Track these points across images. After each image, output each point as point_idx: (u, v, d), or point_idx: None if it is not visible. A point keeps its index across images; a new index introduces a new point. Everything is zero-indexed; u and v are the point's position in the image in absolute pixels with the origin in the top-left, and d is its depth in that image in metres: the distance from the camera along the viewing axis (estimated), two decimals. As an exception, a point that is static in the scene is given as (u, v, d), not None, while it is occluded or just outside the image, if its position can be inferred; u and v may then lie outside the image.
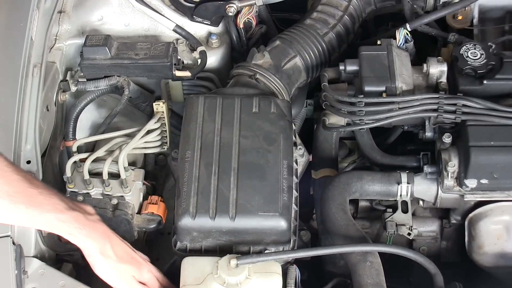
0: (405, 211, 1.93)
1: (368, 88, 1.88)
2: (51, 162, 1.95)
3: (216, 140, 1.76)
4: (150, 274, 1.72)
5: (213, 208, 1.64)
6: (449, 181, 1.82)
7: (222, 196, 1.66)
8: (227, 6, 2.14)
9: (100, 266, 1.66)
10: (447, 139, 1.82)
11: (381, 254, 1.72)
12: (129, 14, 2.18)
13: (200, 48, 2.13)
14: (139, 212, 1.88)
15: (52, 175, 1.94)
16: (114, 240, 1.68)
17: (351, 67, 1.97)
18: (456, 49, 1.91)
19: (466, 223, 1.92)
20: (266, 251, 1.67)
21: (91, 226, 1.64)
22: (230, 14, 2.15)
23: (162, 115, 1.94)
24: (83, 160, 1.87)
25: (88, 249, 1.65)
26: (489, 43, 1.92)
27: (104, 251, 1.65)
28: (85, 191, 1.85)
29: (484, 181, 1.79)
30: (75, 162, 1.87)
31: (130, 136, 1.92)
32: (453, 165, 1.80)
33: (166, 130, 1.96)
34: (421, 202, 1.97)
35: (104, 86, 2.02)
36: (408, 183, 1.88)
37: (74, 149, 1.92)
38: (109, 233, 1.68)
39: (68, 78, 2.06)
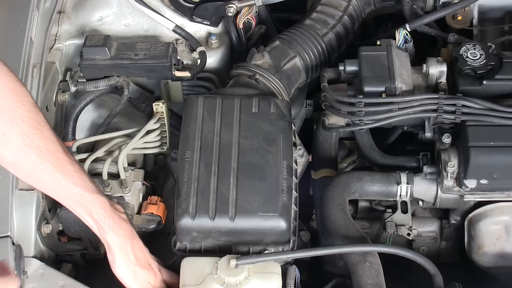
0: (404, 211, 1.93)
1: (368, 88, 1.88)
2: (50, 162, 1.95)
3: (216, 140, 1.76)
4: (162, 284, 1.72)
5: (212, 208, 1.64)
6: (449, 182, 1.82)
7: (222, 196, 1.66)
8: (226, 7, 2.14)
9: (119, 265, 1.65)
10: (446, 139, 1.82)
11: (381, 255, 1.72)
12: (129, 15, 2.18)
13: (199, 49, 2.13)
14: (138, 213, 1.88)
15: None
16: (137, 243, 1.68)
17: (351, 68, 1.97)
18: (455, 49, 1.91)
19: (465, 223, 1.92)
20: (265, 252, 1.67)
21: (116, 220, 1.63)
22: (230, 14, 2.15)
23: (161, 115, 1.94)
24: (82, 161, 1.87)
25: (109, 243, 1.63)
26: (489, 44, 1.92)
27: (125, 251, 1.64)
28: (84, 192, 1.85)
29: (483, 181, 1.79)
30: (74, 162, 1.87)
31: (130, 136, 1.92)
32: (452, 166, 1.80)
33: (165, 131, 1.96)
34: (420, 203, 1.97)
35: (104, 86, 2.01)
36: (407, 183, 1.88)
37: (74, 149, 1.92)
38: (134, 234, 1.68)
39: (67, 78, 2.06)
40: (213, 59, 2.18)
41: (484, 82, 1.85)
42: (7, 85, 1.49)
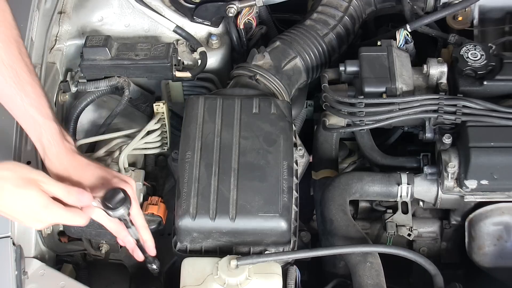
0: (405, 212, 1.93)
1: (368, 89, 1.88)
2: (51, 162, 1.95)
3: (216, 141, 1.76)
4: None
5: (213, 209, 1.64)
6: (449, 182, 1.83)
7: (222, 197, 1.66)
8: (227, 7, 2.14)
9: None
10: (447, 140, 1.82)
11: (381, 255, 1.72)
12: (129, 15, 2.18)
13: (200, 49, 2.13)
14: (139, 213, 1.88)
15: (52, 176, 1.93)
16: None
17: (351, 68, 1.97)
18: (456, 50, 1.91)
19: (466, 224, 1.92)
20: (266, 252, 1.67)
21: (62, 150, 1.60)
22: (230, 14, 2.15)
23: (162, 116, 1.94)
24: (83, 161, 1.87)
25: (47, 168, 1.61)
26: (489, 44, 1.92)
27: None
28: (85, 192, 1.84)
29: (484, 182, 1.79)
30: (75, 162, 1.87)
31: (130, 136, 1.92)
32: (453, 166, 1.80)
33: (166, 131, 1.97)
34: (421, 203, 1.97)
35: (104, 86, 2.02)
36: (408, 184, 1.88)
37: (74, 149, 1.92)
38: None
39: (68, 78, 2.06)
40: (213, 60, 2.18)
41: (485, 82, 1.85)
42: None
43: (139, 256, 1.68)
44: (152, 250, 1.67)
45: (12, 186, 1.46)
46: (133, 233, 1.64)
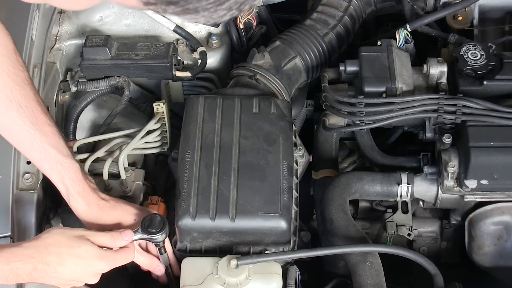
0: (405, 211, 1.93)
1: (368, 88, 1.88)
2: (51, 162, 1.94)
3: (216, 140, 1.76)
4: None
5: (213, 208, 1.64)
6: (449, 182, 1.82)
7: (222, 196, 1.66)
8: (227, 7, 2.14)
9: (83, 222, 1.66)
10: (447, 139, 1.82)
11: (381, 255, 1.72)
12: (129, 15, 2.18)
13: (200, 49, 2.13)
14: (139, 213, 1.88)
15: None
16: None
17: (351, 68, 1.97)
18: (456, 49, 1.91)
19: (466, 223, 1.92)
20: (266, 252, 1.67)
21: (86, 188, 1.62)
22: (230, 14, 2.15)
23: (162, 115, 1.94)
24: (83, 161, 1.87)
25: (74, 208, 1.64)
26: (489, 44, 1.92)
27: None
28: (85, 192, 1.85)
29: (484, 181, 1.79)
30: (75, 162, 1.87)
31: (130, 136, 1.92)
32: (453, 166, 1.80)
33: (166, 131, 1.96)
34: (421, 203, 1.97)
35: (104, 86, 2.02)
36: (408, 183, 1.88)
37: (74, 149, 1.91)
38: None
39: (68, 78, 2.06)
40: (213, 59, 2.18)
41: (485, 82, 1.85)
42: None
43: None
44: (178, 271, 1.69)
45: (68, 248, 1.49)
46: (164, 261, 1.69)
